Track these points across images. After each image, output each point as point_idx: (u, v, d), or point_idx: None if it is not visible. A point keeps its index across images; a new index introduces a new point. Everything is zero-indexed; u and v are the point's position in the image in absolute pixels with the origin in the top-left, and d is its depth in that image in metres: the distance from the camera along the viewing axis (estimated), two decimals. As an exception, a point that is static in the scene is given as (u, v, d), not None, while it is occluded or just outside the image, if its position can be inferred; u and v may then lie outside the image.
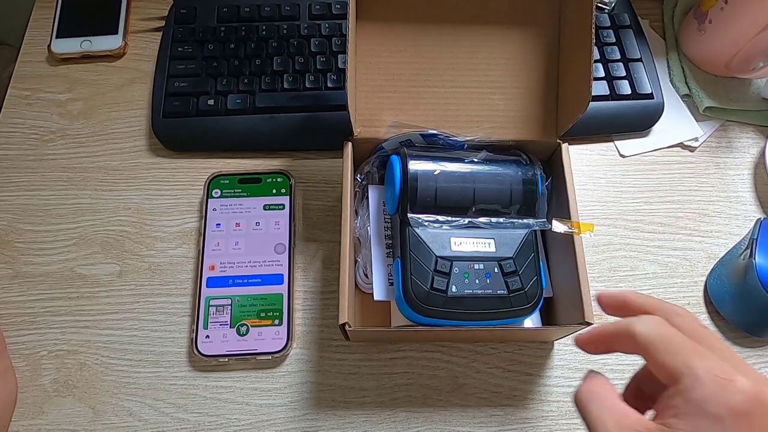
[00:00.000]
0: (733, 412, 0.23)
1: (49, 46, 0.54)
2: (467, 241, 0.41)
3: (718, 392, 0.23)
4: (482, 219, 0.41)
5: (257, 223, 0.47)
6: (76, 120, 0.52)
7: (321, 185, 0.50)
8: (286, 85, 0.51)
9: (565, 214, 0.42)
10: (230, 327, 0.44)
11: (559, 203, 0.43)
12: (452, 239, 0.40)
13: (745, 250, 0.45)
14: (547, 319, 0.44)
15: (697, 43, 0.55)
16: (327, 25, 0.54)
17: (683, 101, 0.55)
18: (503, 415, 0.43)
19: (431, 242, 0.40)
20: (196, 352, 0.43)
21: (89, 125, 0.52)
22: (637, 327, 0.26)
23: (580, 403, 0.27)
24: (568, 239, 0.41)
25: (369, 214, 0.45)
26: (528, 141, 0.45)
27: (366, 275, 0.45)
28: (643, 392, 0.29)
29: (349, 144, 0.43)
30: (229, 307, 0.44)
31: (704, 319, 0.46)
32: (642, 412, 0.27)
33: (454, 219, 0.41)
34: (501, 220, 0.42)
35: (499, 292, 0.39)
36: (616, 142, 0.53)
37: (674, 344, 0.25)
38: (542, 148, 0.46)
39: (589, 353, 0.29)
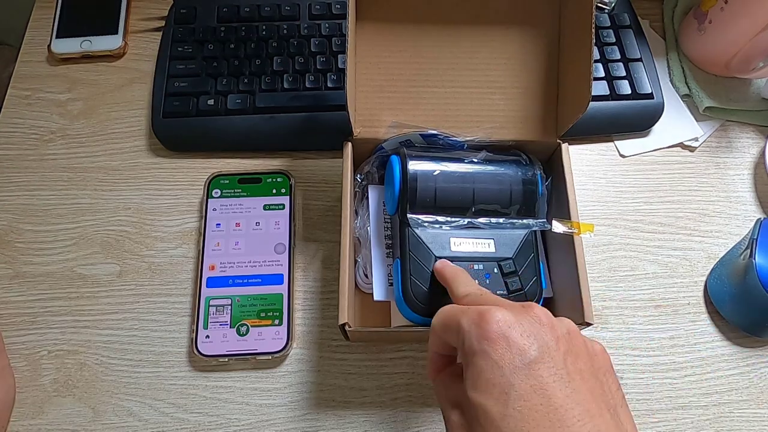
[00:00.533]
0: (491, 340, 0.26)
1: (49, 46, 0.54)
2: (467, 242, 0.41)
3: (477, 332, 0.27)
4: (482, 219, 0.41)
5: (257, 223, 0.47)
6: (76, 120, 0.52)
7: (321, 185, 0.50)
8: (286, 85, 0.51)
9: (565, 214, 0.42)
10: (230, 327, 0.44)
11: (559, 203, 0.43)
12: (452, 239, 0.40)
13: (745, 250, 0.45)
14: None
15: (697, 43, 0.55)
16: (327, 25, 0.54)
17: (683, 101, 0.55)
18: (503, 415, 0.43)
19: (431, 242, 0.40)
20: (196, 352, 0.43)
21: (89, 125, 0.52)
22: (433, 320, 0.31)
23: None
24: (568, 239, 0.41)
25: (369, 214, 0.45)
26: (528, 141, 0.45)
27: (366, 275, 0.45)
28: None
29: (349, 144, 0.43)
30: (229, 307, 0.44)
31: (704, 319, 0.47)
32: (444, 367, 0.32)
33: (453, 219, 0.41)
34: (501, 220, 0.42)
35: (498, 292, 0.39)
36: (616, 142, 0.53)
37: (449, 316, 0.29)
38: (542, 148, 0.46)
39: (435, 373, 0.32)
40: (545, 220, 0.43)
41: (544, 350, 0.26)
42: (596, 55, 0.53)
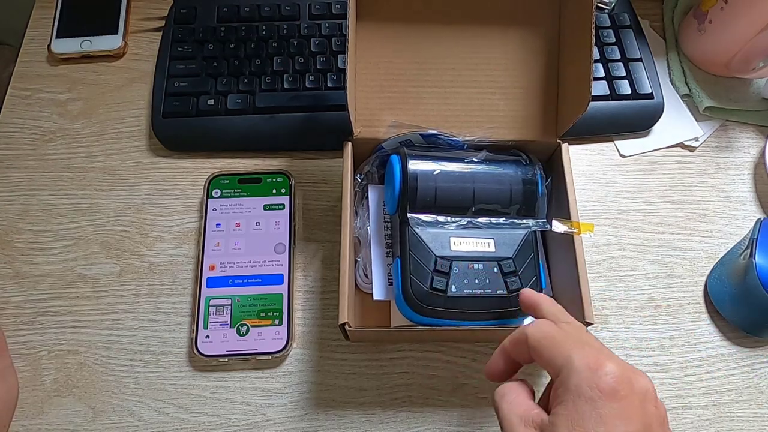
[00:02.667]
0: (603, 392, 0.26)
1: (49, 46, 0.54)
2: (467, 241, 0.41)
3: (590, 377, 0.27)
4: (482, 219, 0.41)
5: (257, 223, 0.47)
6: (76, 120, 0.52)
7: (321, 185, 0.50)
8: (286, 85, 0.51)
9: (565, 214, 0.42)
10: (230, 327, 0.44)
11: (559, 203, 0.43)
12: (452, 239, 0.40)
13: (745, 250, 0.45)
14: (547, 319, 0.44)
15: (697, 43, 0.55)
16: (327, 25, 0.54)
17: (683, 101, 0.55)
18: (503, 415, 0.43)
19: (431, 242, 0.40)
20: (196, 352, 0.43)
21: (89, 125, 0.52)
22: (528, 330, 0.31)
23: (494, 402, 0.31)
24: (568, 239, 0.41)
25: (369, 214, 0.45)
26: (528, 141, 0.45)
27: (366, 275, 0.45)
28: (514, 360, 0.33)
29: (349, 144, 0.43)
30: (229, 307, 0.44)
31: (704, 319, 0.47)
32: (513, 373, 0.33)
33: (453, 219, 0.41)
34: (501, 220, 0.42)
35: (498, 292, 0.39)
36: (616, 142, 0.53)
37: (557, 341, 0.29)
38: (542, 148, 0.46)
39: (495, 379, 0.33)
40: (545, 219, 0.43)
41: (644, 430, 0.27)
42: (596, 55, 0.53)
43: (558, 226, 0.41)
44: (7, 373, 0.42)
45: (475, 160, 0.43)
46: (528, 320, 0.42)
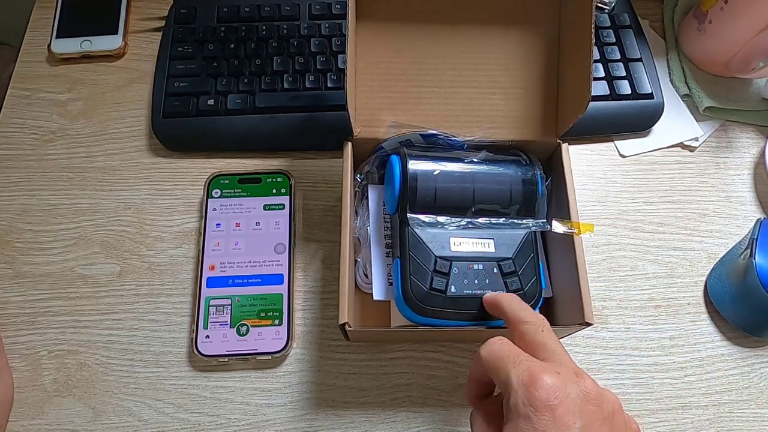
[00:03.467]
0: (536, 408, 0.27)
1: (49, 46, 0.54)
2: (467, 242, 0.41)
3: (524, 394, 0.27)
4: (482, 219, 0.41)
5: (257, 223, 0.47)
6: (76, 120, 0.52)
7: (321, 185, 0.50)
8: (286, 85, 0.51)
9: (565, 214, 0.42)
10: (230, 327, 0.44)
11: (559, 203, 0.43)
12: (452, 239, 0.40)
13: (745, 250, 0.45)
14: (547, 319, 0.44)
15: (697, 43, 0.55)
16: (327, 25, 0.54)
17: (683, 101, 0.55)
18: (503, 415, 0.43)
19: (431, 242, 0.40)
20: (196, 352, 0.43)
21: (89, 125, 0.52)
22: (480, 352, 0.31)
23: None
24: (568, 239, 0.41)
25: (369, 214, 0.45)
26: (528, 141, 0.45)
27: (366, 275, 0.45)
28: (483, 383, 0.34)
29: (349, 144, 0.43)
30: (229, 307, 0.44)
31: (704, 319, 0.47)
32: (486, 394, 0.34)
33: (453, 219, 0.41)
34: (501, 220, 0.42)
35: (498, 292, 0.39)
36: (616, 142, 0.53)
37: (500, 359, 0.30)
38: (542, 148, 0.46)
39: (475, 403, 0.33)
40: (545, 220, 0.42)
41: (586, 430, 0.27)
42: (596, 55, 0.53)
43: (558, 227, 0.41)
44: (4, 374, 0.42)
45: (475, 160, 0.43)
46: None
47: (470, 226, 0.41)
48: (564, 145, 0.44)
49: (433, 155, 0.43)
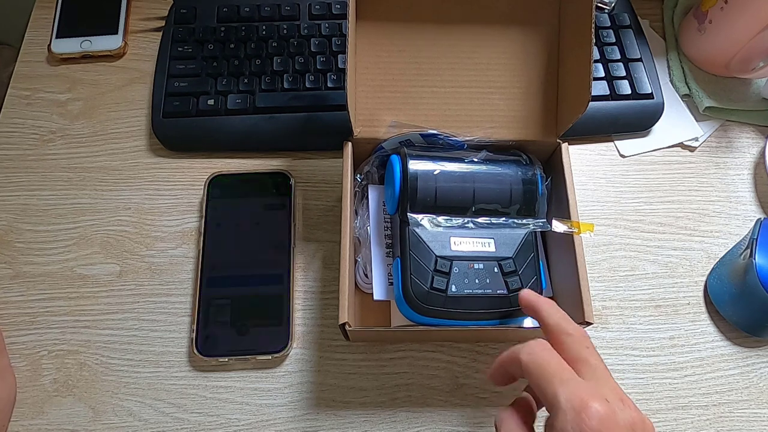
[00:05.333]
0: None
1: (49, 46, 0.54)
2: (467, 241, 0.41)
3: (574, 419, 0.27)
4: (482, 219, 0.41)
5: (257, 223, 0.47)
6: (76, 120, 0.52)
7: (321, 185, 0.50)
8: (286, 85, 0.51)
9: (565, 214, 0.42)
10: (230, 327, 0.44)
11: (559, 203, 0.43)
12: (452, 239, 0.40)
13: (745, 250, 0.45)
14: (547, 319, 0.44)
15: (697, 43, 0.55)
16: (327, 25, 0.54)
17: (683, 101, 0.55)
18: (503, 415, 0.43)
19: (431, 242, 0.40)
20: (196, 352, 0.43)
21: (89, 125, 0.52)
22: (521, 354, 0.31)
23: (495, 426, 0.32)
24: (568, 239, 0.41)
25: (369, 214, 0.45)
26: (528, 141, 0.45)
27: (366, 275, 0.45)
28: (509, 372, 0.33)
29: (349, 144, 0.43)
30: (229, 307, 0.44)
31: (704, 319, 0.47)
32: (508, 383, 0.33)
33: (454, 219, 0.41)
34: (501, 220, 0.42)
35: (498, 291, 0.39)
36: (616, 142, 0.53)
37: (547, 373, 0.29)
38: (542, 148, 0.46)
39: (499, 385, 0.34)
40: (545, 219, 0.43)
41: None
42: (596, 55, 0.53)
43: (558, 226, 0.41)
44: (6, 374, 0.42)
45: (475, 160, 0.43)
46: (528, 321, 0.42)
47: (471, 225, 0.41)
48: (564, 145, 0.44)
49: (433, 155, 0.43)
